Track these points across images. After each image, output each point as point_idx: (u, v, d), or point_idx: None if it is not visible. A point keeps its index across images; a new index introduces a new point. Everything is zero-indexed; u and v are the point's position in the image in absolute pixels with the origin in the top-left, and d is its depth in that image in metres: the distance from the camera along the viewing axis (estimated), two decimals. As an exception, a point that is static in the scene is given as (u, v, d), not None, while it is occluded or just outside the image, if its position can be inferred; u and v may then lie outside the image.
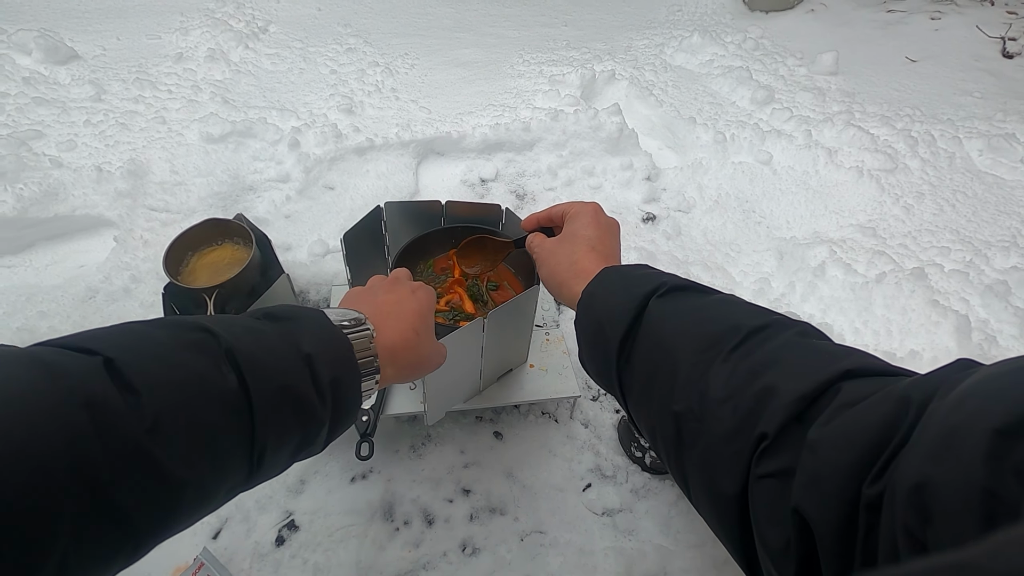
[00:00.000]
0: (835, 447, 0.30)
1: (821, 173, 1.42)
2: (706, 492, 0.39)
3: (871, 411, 0.30)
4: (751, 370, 0.37)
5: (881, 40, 2.20)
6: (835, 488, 0.29)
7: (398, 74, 1.79)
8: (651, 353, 0.45)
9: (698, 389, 0.39)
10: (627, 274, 0.52)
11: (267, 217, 1.25)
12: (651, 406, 0.44)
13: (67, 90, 1.54)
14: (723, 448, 0.37)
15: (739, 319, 0.42)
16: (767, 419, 0.34)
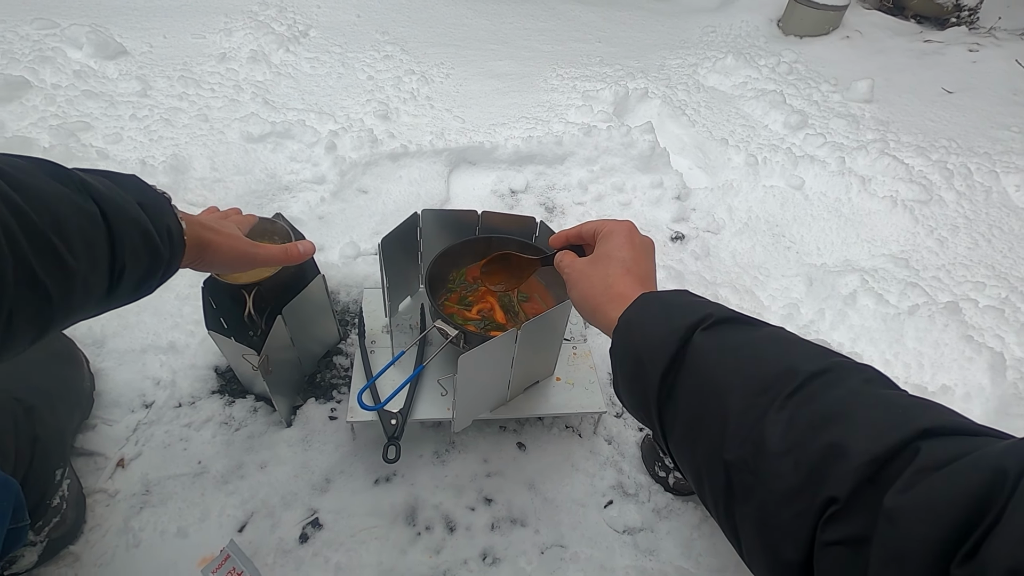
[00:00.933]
0: (919, 520, 0.28)
1: (854, 201, 1.41)
2: (763, 553, 0.36)
3: (960, 479, 0.28)
4: (813, 422, 0.34)
5: (917, 70, 2.19)
6: (920, 566, 0.27)
7: (433, 83, 1.82)
8: (697, 393, 0.42)
9: (752, 439, 0.36)
10: (668, 302, 0.49)
11: (301, 217, 1.27)
12: (696, 449, 0.41)
13: (115, 84, 1.59)
14: (783, 509, 0.34)
15: (795, 360, 0.38)
16: (836, 481, 0.31)
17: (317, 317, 0.96)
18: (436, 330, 0.81)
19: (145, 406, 0.91)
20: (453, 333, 0.77)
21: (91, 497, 0.79)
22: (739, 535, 0.38)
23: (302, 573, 0.74)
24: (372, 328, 0.96)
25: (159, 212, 0.51)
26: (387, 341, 0.94)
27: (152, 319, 1.02)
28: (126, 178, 0.52)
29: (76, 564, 0.73)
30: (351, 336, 1.05)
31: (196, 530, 0.77)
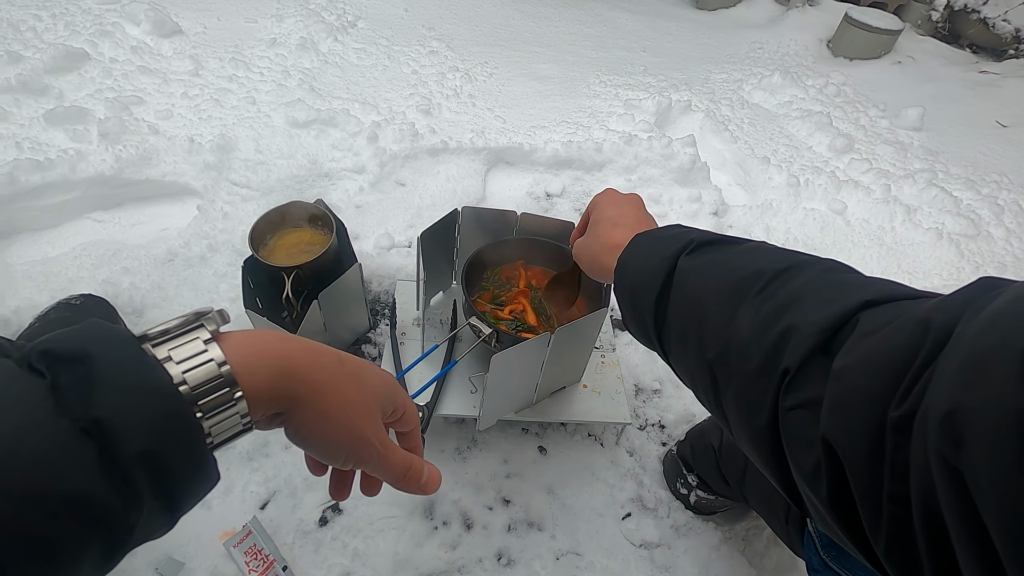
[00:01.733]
0: (859, 374, 0.31)
1: (897, 230, 1.37)
2: (742, 428, 0.40)
3: (892, 336, 0.31)
4: (774, 310, 0.38)
5: (971, 101, 2.12)
6: (861, 413, 0.30)
7: (477, 81, 1.83)
8: (683, 308, 0.46)
9: (726, 334, 0.41)
10: (658, 236, 0.52)
11: (339, 205, 1.29)
12: (688, 358, 0.46)
13: (169, 62, 1.63)
14: (752, 386, 0.38)
15: (764, 263, 0.43)
16: (789, 353, 0.35)
17: (350, 304, 0.97)
18: (469, 327, 0.82)
19: (178, 378, 0.93)
20: (487, 331, 0.78)
21: (122, 462, 0.81)
22: (727, 418, 0.42)
23: (320, 556, 0.75)
24: (403, 320, 0.97)
25: (146, 425, 0.25)
26: (417, 334, 0.95)
27: (190, 293, 1.04)
28: (102, 357, 0.26)
29: (104, 526, 0.75)
30: (381, 326, 1.06)
31: (219, 504, 0.79)
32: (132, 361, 0.27)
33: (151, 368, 0.27)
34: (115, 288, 1.01)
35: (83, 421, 0.24)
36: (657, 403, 1.00)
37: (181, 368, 0.28)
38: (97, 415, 0.24)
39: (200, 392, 0.28)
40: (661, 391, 1.01)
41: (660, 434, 0.96)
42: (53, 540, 0.23)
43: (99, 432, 0.24)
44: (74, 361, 0.25)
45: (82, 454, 0.24)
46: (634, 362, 1.04)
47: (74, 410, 0.24)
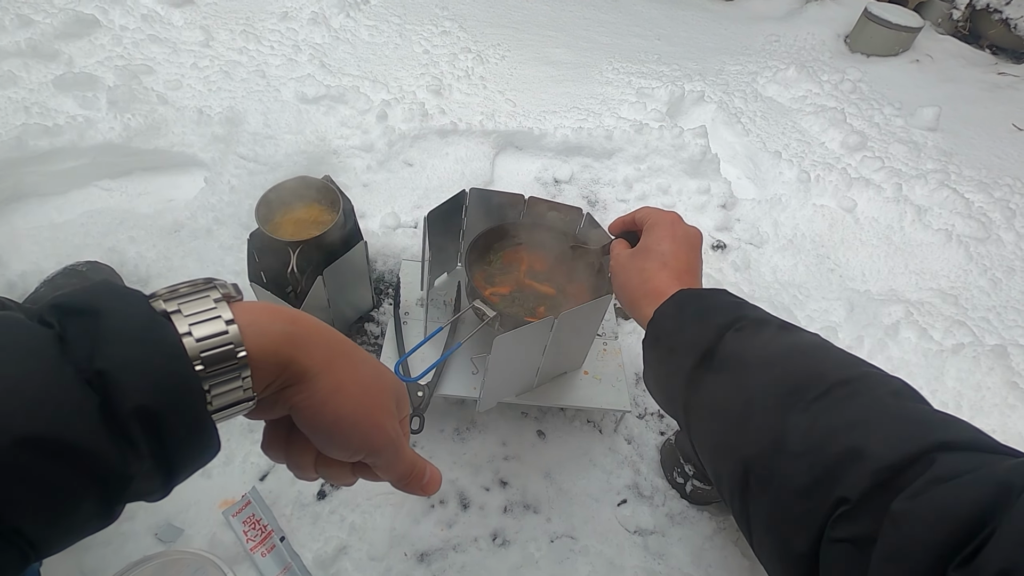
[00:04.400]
0: (923, 523, 0.29)
1: (907, 230, 1.36)
2: (772, 545, 0.37)
3: (967, 490, 0.29)
4: (834, 427, 0.35)
5: (987, 103, 2.10)
6: (919, 566, 0.28)
7: (488, 63, 1.81)
8: (723, 388, 0.43)
9: (772, 437, 0.38)
10: (704, 298, 0.50)
11: (346, 182, 1.29)
12: (717, 443, 0.43)
13: (179, 32, 1.62)
14: (795, 504, 0.35)
15: (825, 367, 0.39)
16: (849, 483, 0.33)
17: (355, 282, 0.97)
18: (472, 310, 0.82)
19: (182, 348, 0.94)
20: (491, 314, 0.78)
21: (124, 428, 0.82)
22: (751, 526, 0.39)
23: (318, 528, 0.76)
24: (407, 299, 0.97)
25: (146, 378, 0.25)
26: (420, 314, 0.95)
27: (195, 265, 1.05)
28: (111, 313, 0.26)
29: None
30: (384, 305, 1.06)
31: (219, 473, 0.79)
32: (140, 318, 0.26)
33: (159, 326, 0.27)
34: (121, 257, 1.01)
35: (87, 372, 0.24)
36: (657, 393, 1.00)
37: (188, 321, 0.28)
38: (100, 367, 0.24)
39: (204, 346, 0.27)
40: (661, 381, 1.01)
41: (659, 423, 0.96)
42: (50, 482, 0.23)
43: (101, 384, 0.24)
44: (83, 314, 0.25)
45: (84, 403, 0.24)
46: (636, 351, 1.04)
47: (79, 360, 0.24)
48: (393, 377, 0.38)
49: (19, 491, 0.23)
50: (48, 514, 0.24)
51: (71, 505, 0.24)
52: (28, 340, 0.24)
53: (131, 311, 0.27)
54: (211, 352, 0.27)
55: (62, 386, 0.24)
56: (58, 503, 0.24)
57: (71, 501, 0.24)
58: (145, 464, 0.26)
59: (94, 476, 0.24)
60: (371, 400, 0.34)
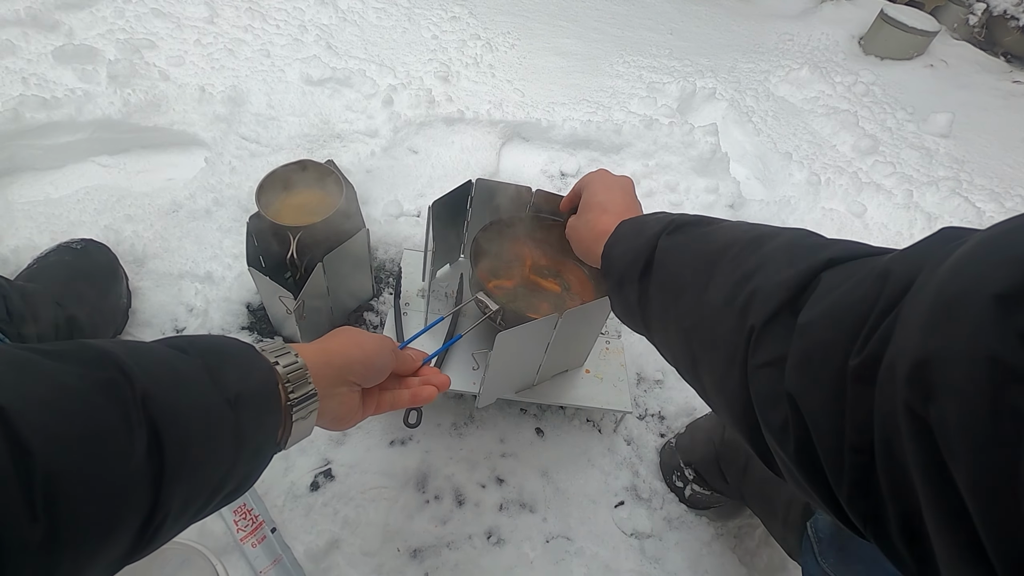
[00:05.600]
0: (821, 328, 0.31)
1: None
2: (716, 392, 0.41)
3: (853, 289, 0.31)
4: (743, 275, 0.39)
5: (1001, 111, 2.07)
6: (823, 366, 0.30)
7: (498, 51, 1.78)
8: (663, 286, 0.47)
9: (700, 303, 0.42)
10: (641, 221, 0.54)
11: (349, 168, 1.26)
12: (668, 333, 0.47)
13: (183, 7, 1.58)
14: (724, 348, 0.39)
15: (736, 236, 0.44)
16: (755, 312, 0.36)
17: (355, 270, 0.95)
18: (475, 302, 0.80)
19: (176, 331, 0.92)
20: (494, 308, 0.76)
21: (115, 411, 0.80)
22: (703, 385, 0.44)
23: (310, 520, 0.74)
24: (407, 290, 0.95)
25: (262, 406, 0.40)
26: (421, 305, 0.93)
27: (193, 247, 1.02)
28: (232, 353, 0.40)
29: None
30: (384, 294, 1.04)
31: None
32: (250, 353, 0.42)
33: (264, 362, 0.42)
34: (117, 235, 0.99)
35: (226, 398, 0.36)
36: (658, 394, 0.98)
37: (281, 368, 0.43)
38: (236, 391, 0.37)
39: (287, 370, 0.43)
40: (663, 382, 1.00)
41: (659, 425, 0.95)
42: (214, 474, 0.36)
43: (237, 406, 0.37)
44: (210, 352, 0.38)
45: (226, 422, 0.36)
46: (638, 350, 1.02)
47: (226, 390, 0.37)
48: (360, 369, 0.51)
49: (187, 486, 0.34)
50: (193, 504, 0.35)
51: (201, 500, 0.36)
52: (195, 374, 0.36)
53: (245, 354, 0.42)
54: (292, 373, 0.43)
55: (218, 406, 0.36)
56: (199, 499, 0.36)
57: (202, 497, 0.36)
58: (241, 472, 0.39)
59: (223, 477, 0.37)
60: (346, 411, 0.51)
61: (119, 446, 0.29)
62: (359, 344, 0.51)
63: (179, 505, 0.33)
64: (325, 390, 0.46)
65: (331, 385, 0.47)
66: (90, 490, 0.28)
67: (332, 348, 0.49)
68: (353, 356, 0.50)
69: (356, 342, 0.51)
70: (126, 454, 0.29)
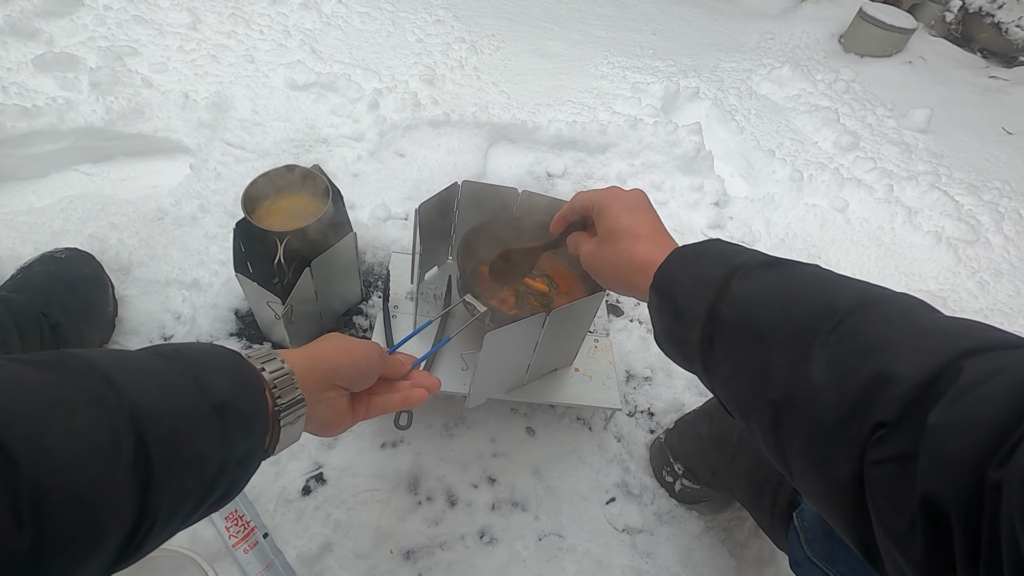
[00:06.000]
0: (959, 432, 0.29)
1: (897, 231, 1.37)
2: (816, 482, 0.38)
3: (998, 391, 0.29)
4: (855, 355, 0.36)
5: (978, 106, 2.11)
6: (961, 472, 0.28)
7: (483, 54, 1.79)
8: (738, 339, 0.43)
9: (797, 376, 0.38)
10: (701, 252, 0.49)
11: (335, 172, 1.26)
12: (742, 392, 0.43)
13: (165, 13, 1.57)
14: (832, 437, 0.35)
15: (833, 297, 0.39)
16: (882, 407, 0.33)
17: (343, 274, 0.95)
18: (463, 304, 0.80)
19: (164, 338, 0.91)
20: (481, 309, 0.76)
21: (103, 421, 0.80)
22: (789, 463, 0.40)
23: (302, 525, 0.74)
24: (396, 293, 0.95)
25: (249, 412, 0.40)
26: (410, 308, 0.93)
27: (179, 253, 1.02)
28: (218, 359, 0.40)
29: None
30: (373, 298, 1.04)
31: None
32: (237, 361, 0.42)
33: (250, 369, 0.42)
34: (102, 244, 0.98)
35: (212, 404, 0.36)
36: (647, 390, 0.99)
37: (268, 374, 0.43)
38: (223, 399, 0.37)
39: (274, 376, 0.43)
40: (652, 379, 1.01)
41: (649, 421, 0.96)
42: (200, 480, 0.36)
43: (224, 412, 0.37)
44: (196, 359, 0.39)
45: (213, 429, 0.36)
46: (627, 348, 1.03)
47: (212, 397, 0.37)
48: (349, 373, 0.51)
49: (174, 491, 0.34)
50: (179, 509, 0.35)
51: (188, 504, 0.36)
52: (180, 382, 0.37)
53: (231, 360, 0.42)
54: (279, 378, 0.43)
55: (204, 413, 0.37)
56: (186, 504, 0.36)
57: (190, 502, 0.36)
58: (231, 476, 0.39)
59: (211, 483, 0.37)
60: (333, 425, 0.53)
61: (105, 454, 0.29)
62: (346, 349, 0.51)
63: (167, 512, 0.33)
64: (313, 395, 0.46)
65: (319, 390, 0.47)
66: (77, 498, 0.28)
67: (319, 353, 0.49)
68: (340, 361, 0.50)
69: (343, 347, 0.51)
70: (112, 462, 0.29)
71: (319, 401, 0.48)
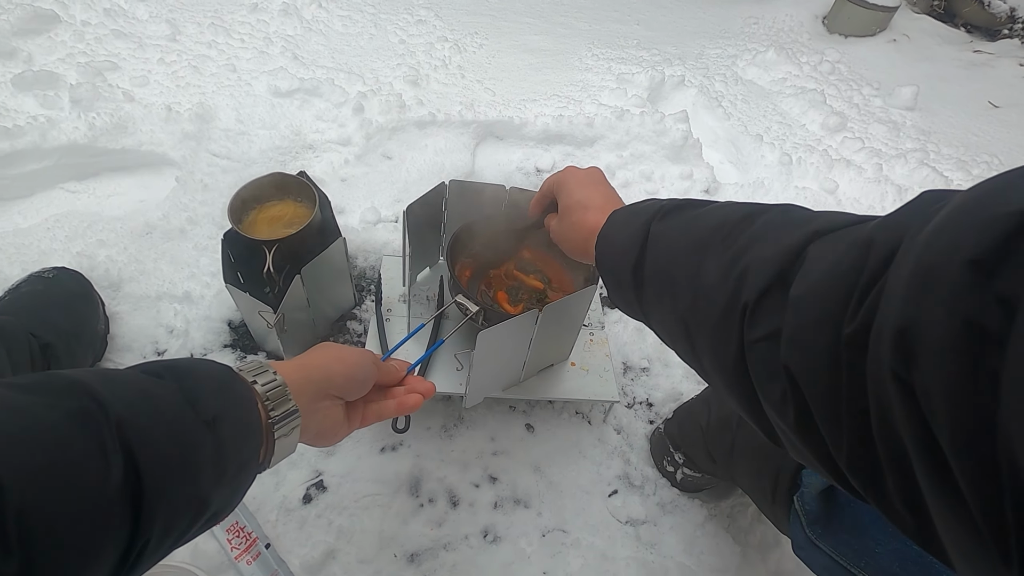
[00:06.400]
0: (811, 300, 0.32)
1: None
2: (715, 371, 0.42)
3: (840, 260, 0.31)
4: (735, 254, 0.39)
5: (964, 81, 2.11)
6: (816, 337, 0.31)
7: (466, 52, 1.78)
8: (657, 271, 0.47)
9: (694, 285, 0.42)
10: (631, 210, 0.54)
11: (323, 178, 1.26)
12: (665, 317, 0.47)
13: (144, 26, 1.56)
14: (719, 327, 0.39)
15: (725, 216, 0.44)
16: (747, 289, 0.37)
17: (334, 280, 0.95)
18: (455, 305, 0.80)
19: (157, 353, 0.91)
20: (473, 309, 0.76)
21: (99, 439, 0.79)
22: (702, 365, 0.44)
23: (304, 533, 0.74)
24: (389, 296, 0.95)
25: (240, 427, 0.40)
26: (403, 310, 0.93)
27: (169, 267, 1.01)
28: (207, 374, 0.39)
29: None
30: (366, 302, 1.04)
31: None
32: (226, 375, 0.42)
33: (239, 382, 0.42)
34: (91, 261, 0.97)
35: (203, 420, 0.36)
36: (645, 381, 0.99)
37: (260, 387, 0.43)
38: (213, 414, 0.37)
39: (266, 389, 0.43)
40: (649, 369, 1.01)
41: (647, 412, 0.96)
42: (192, 499, 0.36)
43: (215, 428, 0.37)
44: (185, 375, 0.38)
45: (204, 446, 0.36)
46: (623, 340, 1.03)
47: (203, 412, 0.36)
48: (342, 381, 0.51)
49: (167, 511, 0.33)
50: (173, 530, 0.35)
51: (181, 524, 0.36)
52: (169, 399, 0.36)
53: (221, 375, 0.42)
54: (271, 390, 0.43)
55: (194, 429, 0.36)
56: (179, 523, 0.35)
57: (182, 522, 0.36)
58: (226, 491, 0.39)
59: (203, 500, 0.37)
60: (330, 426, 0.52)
61: (94, 474, 0.29)
62: (340, 358, 0.51)
63: (160, 530, 0.33)
64: (307, 406, 0.46)
65: (313, 400, 0.47)
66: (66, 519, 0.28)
67: (312, 363, 0.49)
68: (334, 370, 0.50)
69: (336, 356, 0.51)
70: (102, 482, 0.29)
71: (314, 412, 0.47)
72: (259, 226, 0.88)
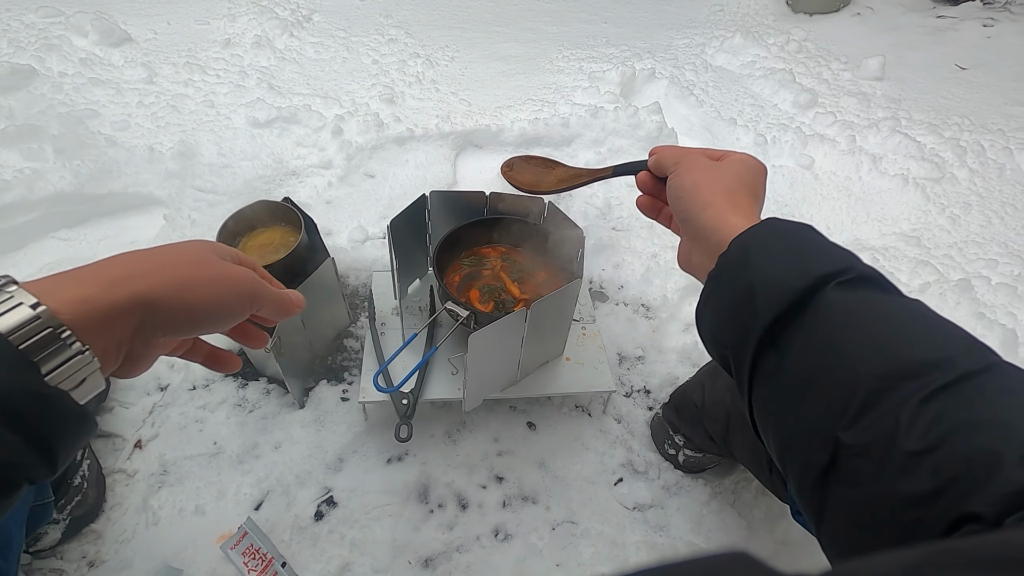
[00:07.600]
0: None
1: (864, 180, 1.39)
2: (853, 544, 0.33)
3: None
4: (966, 425, 0.30)
5: (930, 46, 2.14)
6: None
7: (439, 66, 1.81)
8: (818, 353, 0.36)
9: (883, 426, 0.32)
10: (797, 236, 0.42)
11: (309, 202, 1.28)
12: (798, 414, 0.37)
13: (121, 72, 1.59)
14: (902, 510, 0.30)
15: (952, 350, 0.33)
16: (983, 497, 0.27)
17: (327, 300, 0.96)
18: (446, 312, 0.82)
19: (160, 388, 0.93)
20: (464, 315, 0.78)
21: (111, 477, 0.81)
22: (824, 515, 0.35)
23: (318, 549, 0.76)
24: (382, 310, 0.97)
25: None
26: (397, 323, 0.95)
27: (165, 304, 1.03)
28: None
29: (98, 541, 0.75)
30: (361, 320, 1.06)
31: (213, 508, 0.79)
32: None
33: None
34: (87, 305, 0.99)
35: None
36: (641, 369, 1.01)
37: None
38: None
39: (20, 336, 0.29)
40: (644, 357, 1.03)
41: (646, 399, 0.97)
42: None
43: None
44: None
45: None
46: (615, 331, 1.05)
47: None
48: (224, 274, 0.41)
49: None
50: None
51: None
52: None
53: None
54: (33, 340, 0.30)
55: None
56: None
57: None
58: (11, 447, 0.28)
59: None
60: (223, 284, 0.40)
61: None
62: (182, 283, 0.37)
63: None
64: (117, 347, 0.35)
65: (129, 340, 0.35)
66: None
67: (122, 275, 0.35)
68: (163, 299, 0.36)
69: (179, 274, 0.38)
70: None
71: (136, 354, 0.36)
72: (249, 254, 0.90)
